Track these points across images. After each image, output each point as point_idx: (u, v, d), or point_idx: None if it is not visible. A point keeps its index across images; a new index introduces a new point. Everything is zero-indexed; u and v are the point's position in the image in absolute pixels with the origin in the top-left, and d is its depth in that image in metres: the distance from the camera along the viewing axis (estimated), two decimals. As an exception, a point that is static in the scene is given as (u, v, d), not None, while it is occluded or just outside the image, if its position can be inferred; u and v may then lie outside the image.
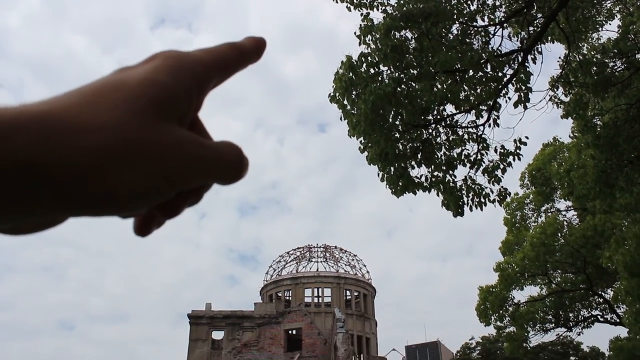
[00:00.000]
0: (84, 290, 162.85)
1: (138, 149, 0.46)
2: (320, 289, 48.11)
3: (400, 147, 10.44)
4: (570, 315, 28.56)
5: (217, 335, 46.22)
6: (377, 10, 11.15)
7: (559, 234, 25.26)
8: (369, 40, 9.74)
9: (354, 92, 9.83)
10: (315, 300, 47.94)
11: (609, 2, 14.83)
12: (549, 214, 27.16)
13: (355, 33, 9.74)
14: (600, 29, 14.35)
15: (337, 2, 10.96)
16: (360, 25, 9.74)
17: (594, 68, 12.99)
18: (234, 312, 46.04)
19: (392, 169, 10.38)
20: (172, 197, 0.52)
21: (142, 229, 0.57)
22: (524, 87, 10.67)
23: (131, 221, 0.56)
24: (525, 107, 10.83)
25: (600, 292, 27.29)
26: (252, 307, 46.60)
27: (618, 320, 26.89)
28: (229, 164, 0.53)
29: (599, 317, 28.40)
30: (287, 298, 49.54)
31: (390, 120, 10.09)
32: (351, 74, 9.69)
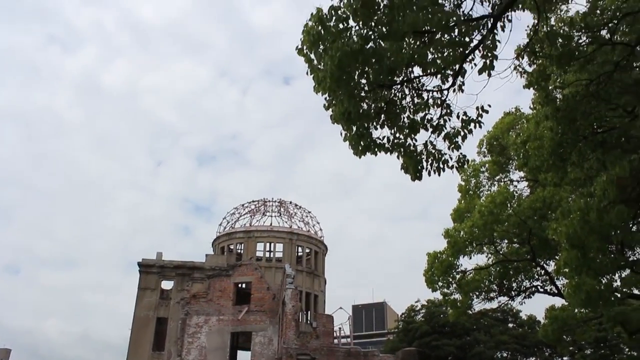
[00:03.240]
0: (32, 234, 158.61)
1: None
2: (272, 244, 48.29)
3: (365, 106, 10.29)
4: (514, 285, 29.47)
5: (167, 285, 46.10)
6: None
7: (508, 204, 25.73)
8: (340, -7, 9.40)
9: (321, 47, 9.54)
10: (267, 254, 48.14)
11: (580, -25, 14.79)
12: (502, 184, 27.65)
13: (326, -17, 9.38)
14: (569, 1, 14.35)
15: None
16: (333, -25, 9.38)
17: (560, 40, 12.99)
18: (184, 263, 45.88)
19: (354, 128, 10.24)
20: None
21: None
22: (489, 55, 10.59)
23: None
24: (490, 75, 10.79)
25: (542, 264, 28.19)
26: (203, 259, 46.49)
27: (556, 292, 27.97)
28: None
29: (539, 287, 29.41)
30: (239, 251, 49.59)
31: (356, 78, 9.90)
32: (320, 28, 9.38)
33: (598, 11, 13.82)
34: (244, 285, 46.72)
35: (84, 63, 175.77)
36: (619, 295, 22.40)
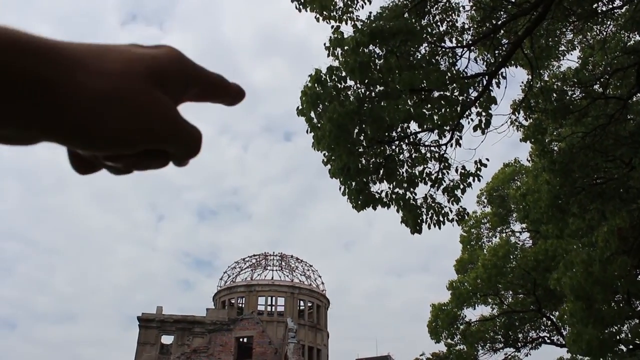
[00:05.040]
0: (31, 288, 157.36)
1: (129, 98, 0.56)
2: (274, 298, 47.79)
3: (363, 161, 10.47)
4: (520, 335, 29.07)
5: (167, 339, 45.33)
6: (347, 24, 11.21)
7: (511, 256, 25.75)
8: (338, 53, 9.74)
9: (320, 106, 9.80)
10: (269, 308, 47.56)
11: (570, 33, 15.30)
12: (504, 235, 27.67)
13: (324, 44, 9.73)
14: (561, 57, 14.79)
15: (306, 10, 10.98)
16: (330, 37, 9.74)
17: (554, 95, 13.33)
18: (185, 317, 45.26)
19: (353, 183, 10.39)
20: (134, 153, 0.60)
21: (83, 168, 0.63)
22: (484, 113, 10.85)
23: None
24: (483, 132, 11.01)
25: (548, 314, 27.89)
26: (204, 313, 45.91)
27: (564, 343, 27.53)
28: (193, 137, 0.63)
29: (546, 338, 29.01)
30: (240, 305, 49.01)
31: (354, 135, 10.11)
32: (318, 88, 9.66)
33: (590, 66, 14.22)
34: (245, 340, 45.93)
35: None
36: (630, 347, 22.02)
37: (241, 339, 45.71)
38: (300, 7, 10.83)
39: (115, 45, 0.59)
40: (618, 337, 20.22)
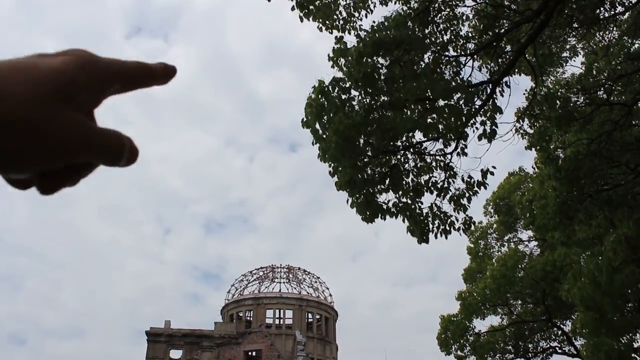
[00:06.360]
0: (39, 303, 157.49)
1: (36, 123, 0.55)
2: (282, 311, 47.65)
3: (369, 171, 10.47)
4: (530, 346, 28.84)
5: (175, 354, 45.19)
6: (350, 34, 11.27)
7: (520, 266, 25.62)
8: (342, 64, 9.78)
9: (325, 117, 9.82)
10: (277, 321, 47.39)
11: (573, 40, 15.33)
12: (512, 244, 27.55)
13: (328, 55, 9.78)
14: (565, 64, 14.80)
15: (309, 20, 11.05)
16: (334, 47, 9.79)
17: (558, 102, 13.32)
18: (193, 331, 45.17)
19: (360, 195, 10.37)
20: (61, 169, 0.60)
21: (47, 189, 0.63)
22: (489, 122, 10.86)
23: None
24: (490, 141, 11.01)
25: (559, 324, 27.68)
26: (212, 327, 45.78)
27: (575, 353, 27.27)
28: (111, 147, 0.62)
29: (557, 348, 28.76)
30: (248, 318, 48.87)
31: (360, 146, 10.12)
32: (323, 99, 9.68)
33: (593, 73, 14.22)
34: (254, 353, 45.74)
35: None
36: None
37: (250, 353, 45.52)
38: (303, 16, 10.89)
39: (18, 61, 0.57)
40: (633, 346, 20.06)
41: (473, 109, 10.79)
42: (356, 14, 11.39)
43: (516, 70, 12.36)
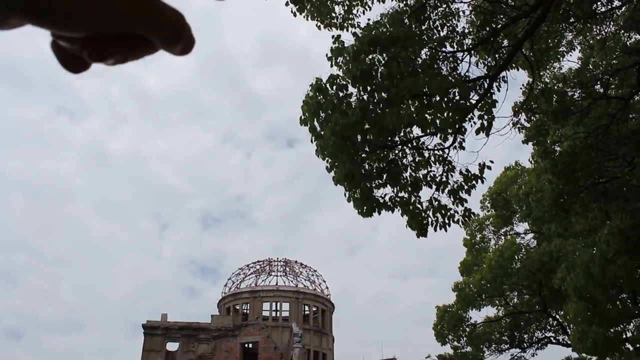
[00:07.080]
0: (37, 298, 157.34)
1: None
2: (278, 303, 47.81)
3: (367, 166, 10.50)
4: (525, 336, 29.10)
5: (172, 346, 45.32)
6: (348, 31, 11.27)
7: (516, 257, 25.78)
8: (339, 62, 9.79)
9: (322, 114, 9.83)
10: (273, 314, 47.58)
11: (570, 34, 15.38)
12: (508, 237, 27.74)
13: (326, 55, 9.79)
14: (561, 59, 14.86)
15: (301, 15, 11.05)
16: (331, 47, 9.79)
17: (555, 96, 13.39)
18: (189, 324, 45.27)
19: (358, 190, 10.41)
20: (113, 39, 0.56)
21: (72, 66, 0.60)
22: (486, 117, 10.90)
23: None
24: (487, 135, 11.06)
25: (554, 314, 27.92)
26: (209, 320, 45.91)
27: (570, 342, 27.54)
28: (170, 24, 0.58)
29: (552, 338, 29.03)
30: (245, 311, 49.02)
31: (357, 142, 10.14)
32: (320, 97, 9.68)
33: (590, 67, 14.30)
34: (250, 346, 45.93)
35: (90, 131, 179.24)
36: (637, 346, 22.01)
37: (246, 345, 45.70)
38: (297, 11, 10.87)
39: None
40: (625, 336, 20.22)
41: (469, 104, 10.84)
42: (353, 12, 11.39)
43: (513, 65, 12.41)
